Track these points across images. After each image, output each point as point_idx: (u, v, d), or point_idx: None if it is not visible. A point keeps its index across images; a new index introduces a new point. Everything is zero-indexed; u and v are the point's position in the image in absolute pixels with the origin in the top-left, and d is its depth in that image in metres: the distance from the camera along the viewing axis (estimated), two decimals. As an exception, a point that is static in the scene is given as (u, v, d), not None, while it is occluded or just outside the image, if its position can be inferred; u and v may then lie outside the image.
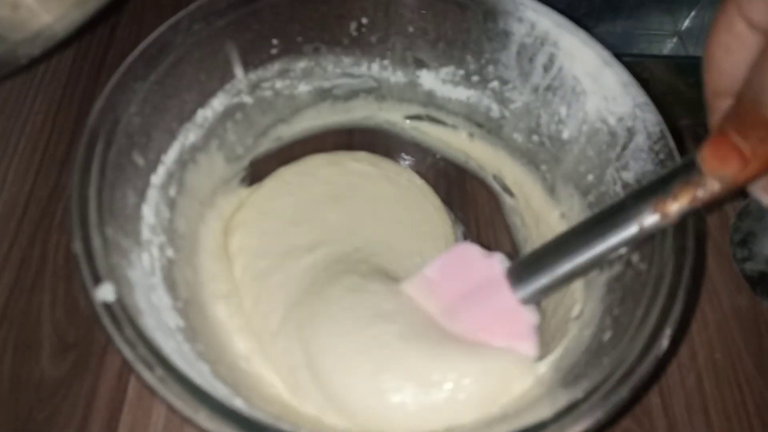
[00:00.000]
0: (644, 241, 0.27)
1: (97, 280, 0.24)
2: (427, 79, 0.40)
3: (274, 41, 0.36)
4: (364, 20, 0.37)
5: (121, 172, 0.29)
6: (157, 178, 0.32)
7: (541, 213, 0.37)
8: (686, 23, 0.52)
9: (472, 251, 0.32)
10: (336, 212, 0.39)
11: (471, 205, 0.42)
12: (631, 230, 0.26)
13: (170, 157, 0.33)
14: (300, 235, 0.37)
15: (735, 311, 0.40)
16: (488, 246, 0.34)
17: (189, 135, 0.34)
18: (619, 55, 0.33)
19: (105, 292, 0.24)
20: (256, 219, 0.38)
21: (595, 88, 0.33)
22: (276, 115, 0.39)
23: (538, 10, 0.34)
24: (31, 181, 0.42)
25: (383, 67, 0.39)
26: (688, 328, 0.39)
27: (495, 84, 0.38)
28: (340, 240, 0.37)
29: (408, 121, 0.42)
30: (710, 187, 0.24)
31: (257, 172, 0.40)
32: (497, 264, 0.31)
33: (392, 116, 0.42)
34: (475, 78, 0.38)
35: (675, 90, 0.44)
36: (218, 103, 0.36)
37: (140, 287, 0.27)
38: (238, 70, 0.36)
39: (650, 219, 0.25)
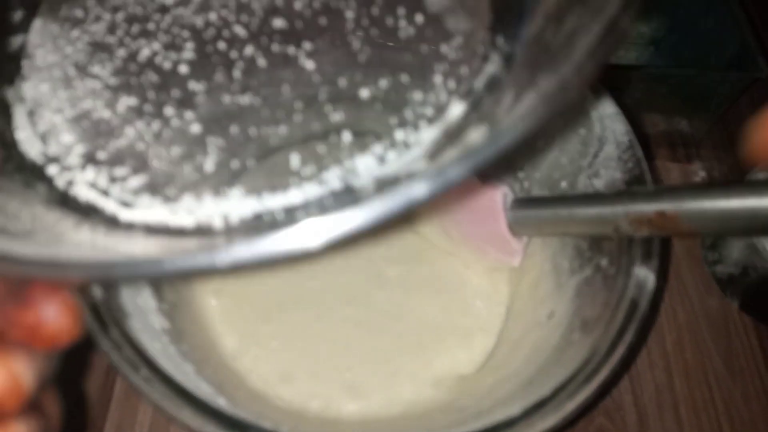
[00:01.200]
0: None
1: (85, 283, 0.25)
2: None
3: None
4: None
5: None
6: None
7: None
8: (662, 33, 0.53)
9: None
10: None
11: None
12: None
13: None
14: None
15: (705, 312, 0.42)
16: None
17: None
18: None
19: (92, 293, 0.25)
20: None
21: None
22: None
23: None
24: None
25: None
26: (653, 329, 0.41)
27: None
28: None
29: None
30: None
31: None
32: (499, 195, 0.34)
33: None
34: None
35: (650, 98, 0.45)
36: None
37: (126, 289, 0.28)
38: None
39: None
